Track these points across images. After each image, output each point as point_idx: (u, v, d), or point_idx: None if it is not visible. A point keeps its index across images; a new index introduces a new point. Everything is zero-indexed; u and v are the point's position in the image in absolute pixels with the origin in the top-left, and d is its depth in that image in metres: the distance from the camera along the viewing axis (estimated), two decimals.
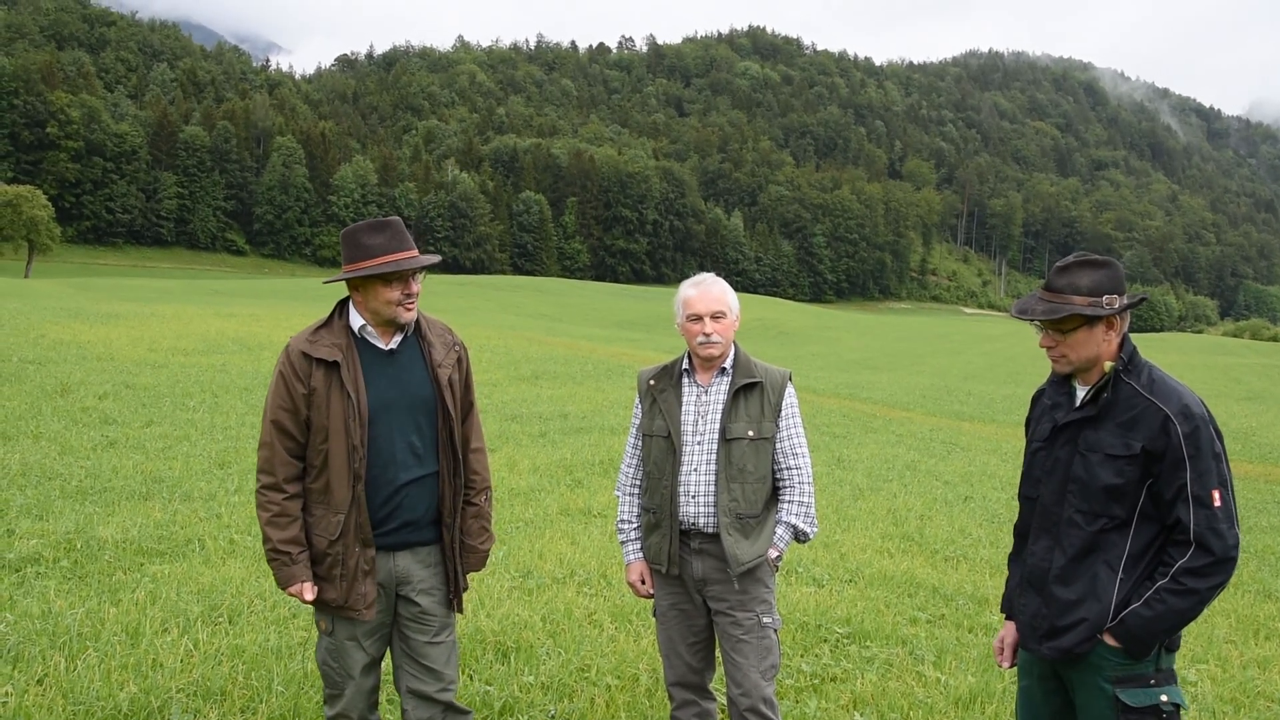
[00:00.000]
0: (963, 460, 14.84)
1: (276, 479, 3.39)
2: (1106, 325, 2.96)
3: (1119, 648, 2.89)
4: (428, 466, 3.50)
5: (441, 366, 3.55)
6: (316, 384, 3.38)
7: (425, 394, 3.51)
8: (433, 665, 3.54)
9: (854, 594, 6.88)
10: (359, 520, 3.37)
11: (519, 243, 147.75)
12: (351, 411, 3.35)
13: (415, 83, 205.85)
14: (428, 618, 3.54)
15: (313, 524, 3.42)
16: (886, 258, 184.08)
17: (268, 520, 3.38)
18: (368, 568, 3.39)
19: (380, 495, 3.42)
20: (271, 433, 3.41)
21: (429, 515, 3.53)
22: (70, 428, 10.89)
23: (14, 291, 36.00)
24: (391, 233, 3.41)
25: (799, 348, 55.21)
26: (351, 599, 3.38)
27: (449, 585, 3.59)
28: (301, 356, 3.41)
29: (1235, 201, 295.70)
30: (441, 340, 3.63)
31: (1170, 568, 2.85)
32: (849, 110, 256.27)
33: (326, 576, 3.40)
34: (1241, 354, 56.26)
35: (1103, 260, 2.98)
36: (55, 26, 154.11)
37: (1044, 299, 3.00)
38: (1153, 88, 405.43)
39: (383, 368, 3.48)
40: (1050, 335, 3.03)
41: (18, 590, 5.64)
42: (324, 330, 3.49)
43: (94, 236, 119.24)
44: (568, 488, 10.05)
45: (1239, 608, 7.58)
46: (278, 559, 3.37)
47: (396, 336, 3.54)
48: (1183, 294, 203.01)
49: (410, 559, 3.51)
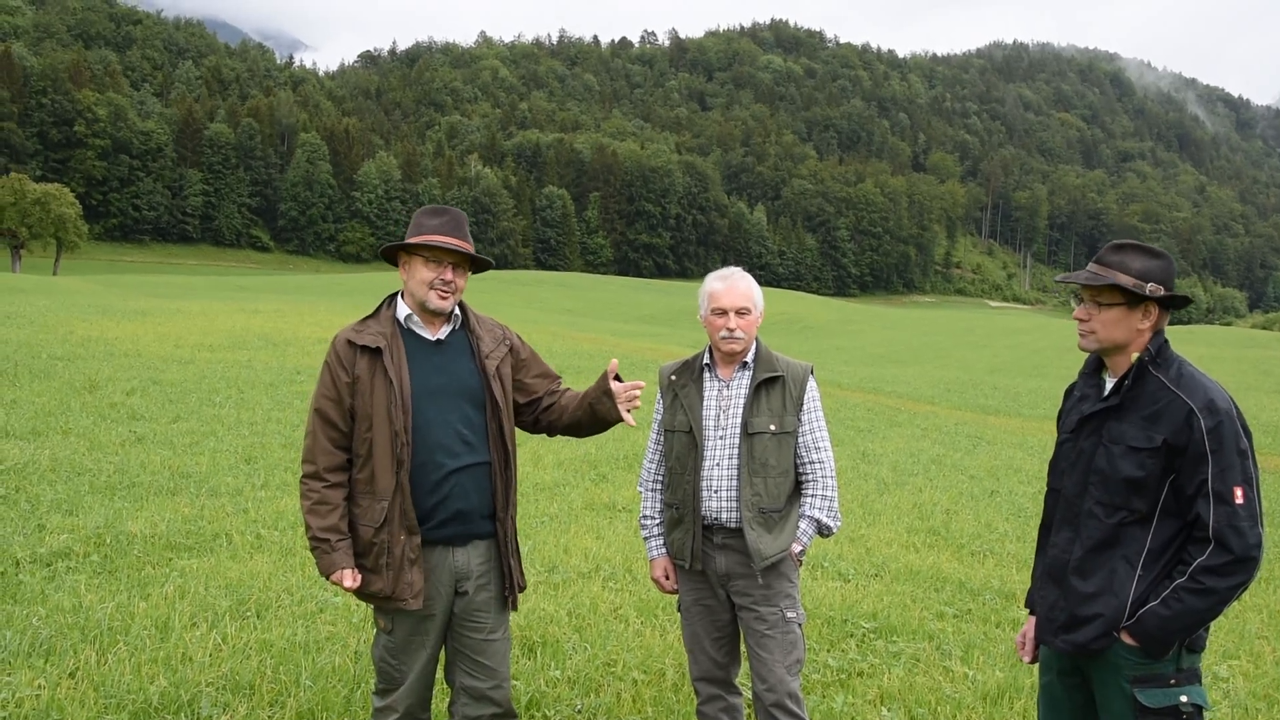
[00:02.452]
0: (988, 454, 14.74)
1: (317, 468, 3.41)
2: (1144, 313, 2.93)
3: (1136, 646, 2.85)
4: (479, 455, 3.49)
5: (489, 357, 3.56)
6: (360, 372, 3.41)
7: (473, 384, 3.52)
8: (488, 662, 3.53)
9: (880, 589, 6.85)
10: (403, 507, 3.36)
11: (542, 238, 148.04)
12: (394, 398, 3.36)
13: (438, 78, 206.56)
14: (483, 615, 3.53)
15: (359, 515, 3.41)
16: (911, 251, 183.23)
17: (309, 509, 3.39)
18: (414, 556, 3.37)
19: (428, 482, 3.40)
20: (315, 422, 3.44)
21: (482, 507, 3.51)
22: (98, 424, 10.99)
23: (43, 289, 36.36)
24: (449, 219, 3.50)
25: (823, 341, 55.00)
26: (399, 589, 3.36)
27: (504, 581, 3.58)
28: (346, 345, 3.45)
29: (1265, 192, 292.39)
30: (490, 334, 3.65)
31: (1189, 566, 2.80)
32: (872, 103, 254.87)
33: (373, 568, 3.38)
34: (1272, 346, 55.55)
35: (1160, 252, 2.95)
36: (82, 25, 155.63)
37: (1093, 269, 2.99)
38: (1179, 78, 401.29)
39: (428, 355, 3.50)
40: (1087, 307, 3.00)
41: (49, 585, 5.70)
42: (371, 320, 3.55)
43: (121, 234, 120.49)
44: (592, 482, 10.06)
45: (1271, 603, 7.49)
46: (318, 546, 3.37)
47: (444, 328, 3.56)
48: (1211, 286, 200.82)
49: (469, 554, 3.50)
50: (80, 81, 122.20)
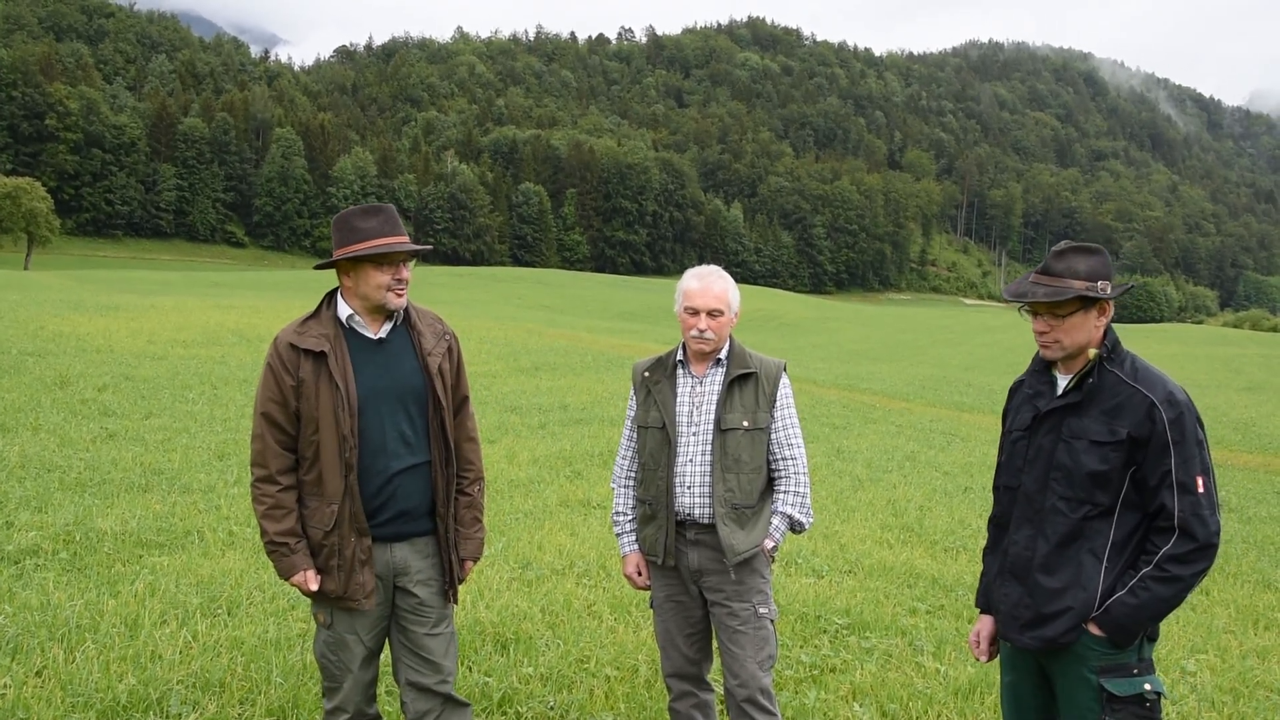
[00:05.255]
0: (962, 451, 14.83)
1: (269, 471, 3.39)
2: (1099, 311, 2.98)
3: (1103, 637, 2.90)
4: (419, 455, 3.49)
5: (431, 355, 3.54)
6: (305, 375, 3.37)
7: (415, 383, 3.50)
8: (431, 657, 3.53)
9: (853, 585, 6.88)
10: (353, 510, 3.36)
11: (518, 234, 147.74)
12: (340, 401, 3.34)
13: (415, 74, 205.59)
14: (425, 609, 3.53)
15: (307, 516, 3.41)
16: (886, 248, 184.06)
17: (263, 513, 3.38)
18: (364, 557, 3.38)
19: (373, 484, 3.40)
20: (262, 425, 3.40)
21: (423, 505, 3.51)
22: (69, 420, 10.89)
23: (13, 284, 35.96)
24: (384, 218, 3.41)
25: (799, 339, 55.16)
26: (350, 589, 3.38)
27: (445, 576, 3.59)
28: (289, 348, 3.39)
29: (1235, 192, 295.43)
30: (431, 329, 3.61)
31: (1154, 555, 2.86)
32: (849, 101, 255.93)
33: (324, 568, 3.39)
34: (1243, 345, 56.16)
35: (1094, 247, 3.00)
36: (53, 18, 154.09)
37: (1042, 282, 2.99)
38: (1152, 77, 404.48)
39: (371, 356, 3.47)
40: (1046, 320, 3.02)
41: (16, 582, 5.64)
42: (312, 321, 3.48)
43: (94, 229, 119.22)
44: (567, 479, 10.05)
45: (1238, 598, 7.58)
46: (276, 550, 3.37)
47: (385, 325, 3.52)
48: (1183, 285, 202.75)
49: (408, 550, 3.50)
50: (52, 74, 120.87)
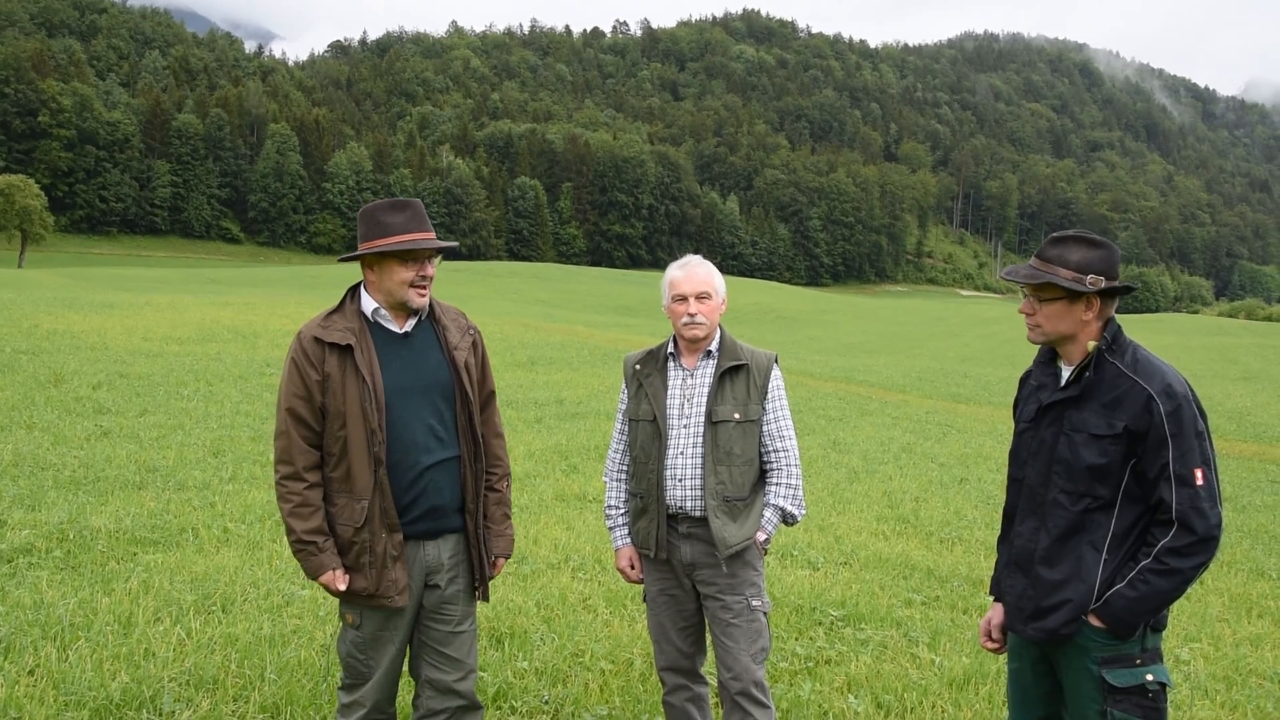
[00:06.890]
0: (959, 442, 14.85)
1: (296, 468, 3.32)
2: (1086, 305, 2.96)
3: (1104, 629, 2.90)
4: (450, 450, 3.45)
5: (457, 349, 3.51)
6: (330, 369, 3.32)
7: (442, 377, 3.47)
8: (454, 654, 3.50)
9: (849, 576, 6.89)
10: (383, 505, 3.31)
11: (514, 228, 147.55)
12: (368, 395, 3.29)
13: (409, 69, 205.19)
14: (451, 607, 3.49)
15: (336, 513, 3.35)
16: (882, 240, 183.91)
17: (290, 511, 3.31)
18: (396, 553, 3.33)
19: (403, 480, 3.36)
20: (287, 421, 3.33)
21: (454, 502, 3.47)
22: (64, 418, 10.87)
23: (7, 281, 35.89)
24: (412, 213, 3.38)
25: (796, 332, 55.20)
26: (383, 586, 3.32)
27: (474, 573, 3.56)
28: (314, 342, 3.35)
29: (1230, 182, 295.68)
30: (456, 324, 3.59)
31: (1153, 548, 2.85)
32: (844, 93, 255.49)
33: (355, 566, 3.33)
34: (1238, 334, 56.29)
35: (1100, 241, 2.97)
36: (46, 14, 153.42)
37: (1032, 266, 3.02)
38: (1146, 68, 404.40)
39: (397, 350, 3.43)
40: (1030, 302, 3.04)
41: (10, 581, 5.62)
42: (336, 315, 3.44)
43: (87, 226, 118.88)
44: (563, 473, 10.05)
45: (1231, 586, 7.60)
46: (304, 549, 3.30)
47: (410, 320, 3.49)
48: (1178, 275, 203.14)
49: (440, 547, 3.47)
50: (44, 71, 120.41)
